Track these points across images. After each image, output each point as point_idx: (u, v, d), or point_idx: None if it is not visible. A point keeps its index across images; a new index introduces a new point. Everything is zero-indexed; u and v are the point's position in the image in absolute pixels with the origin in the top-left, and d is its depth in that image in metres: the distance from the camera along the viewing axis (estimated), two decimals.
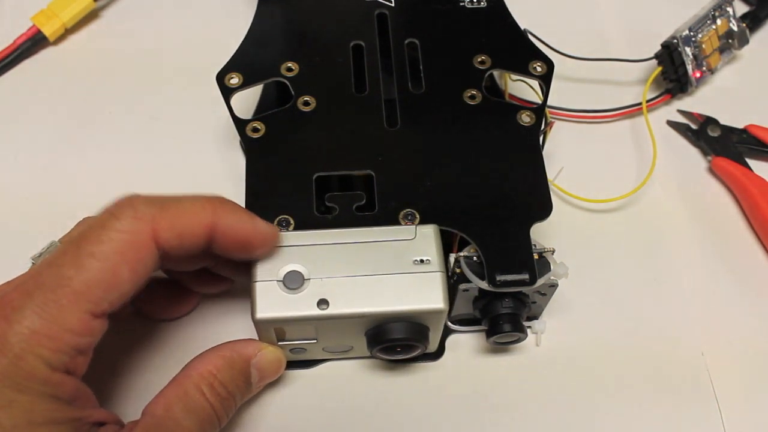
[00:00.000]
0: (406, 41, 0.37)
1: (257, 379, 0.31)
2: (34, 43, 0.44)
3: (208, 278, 0.34)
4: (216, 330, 0.35)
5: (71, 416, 0.25)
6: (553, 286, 0.32)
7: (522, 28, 0.38)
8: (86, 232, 0.25)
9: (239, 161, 0.39)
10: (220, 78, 0.35)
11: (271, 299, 0.29)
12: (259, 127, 0.33)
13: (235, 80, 0.35)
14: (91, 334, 0.25)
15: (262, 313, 0.29)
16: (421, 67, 0.36)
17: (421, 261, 0.30)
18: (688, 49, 0.43)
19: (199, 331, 0.35)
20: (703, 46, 0.44)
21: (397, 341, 0.30)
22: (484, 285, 0.30)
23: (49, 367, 0.24)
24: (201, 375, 0.29)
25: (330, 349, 0.33)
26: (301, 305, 0.29)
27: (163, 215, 0.26)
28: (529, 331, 0.34)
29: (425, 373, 0.35)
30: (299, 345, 0.32)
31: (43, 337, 0.24)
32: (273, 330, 0.30)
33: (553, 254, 0.32)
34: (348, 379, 0.35)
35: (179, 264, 0.31)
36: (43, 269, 0.25)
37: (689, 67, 0.43)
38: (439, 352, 0.35)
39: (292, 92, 0.35)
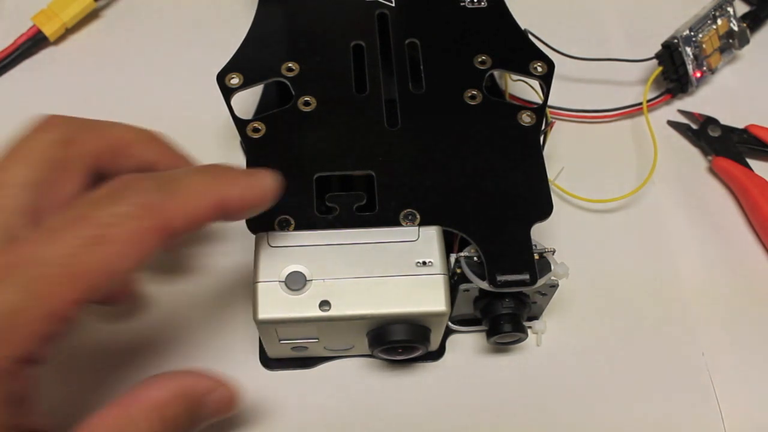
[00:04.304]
0: (407, 41, 0.37)
1: (208, 416, 0.28)
2: (34, 43, 0.44)
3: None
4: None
5: (13, 423, 0.22)
6: (554, 286, 0.32)
7: (522, 28, 0.38)
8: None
9: (239, 161, 0.39)
10: (221, 78, 0.34)
11: (273, 300, 0.29)
12: (259, 127, 0.33)
13: (235, 80, 0.34)
14: (70, 321, 0.23)
15: (264, 314, 0.29)
16: (421, 67, 0.36)
17: (424, 263, 0.30)
18: (688, 49, 0.43)
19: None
20: (704, 46, 0.43)
21: (399, 343, 0.30)
22: (484, 285, 0.30)
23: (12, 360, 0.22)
24: (150, 402, 0.26)
25: (331, 347, 0.33)
26: (303, 306, 0.29)
27: (169, 204, 0.24)
28: (529, 331, 0.34)
29: (425, 373, 0.35)
30: (300, 344, 0.32)
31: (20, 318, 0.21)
32: (275, 330, 0.30)
33: (553, 254, 0.32)
34: (348, 379, 0.35)
35: None
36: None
37: (690, 67, 0.43)
38: (440, 352, 0.35)
39: (293, 92, 0.35)
